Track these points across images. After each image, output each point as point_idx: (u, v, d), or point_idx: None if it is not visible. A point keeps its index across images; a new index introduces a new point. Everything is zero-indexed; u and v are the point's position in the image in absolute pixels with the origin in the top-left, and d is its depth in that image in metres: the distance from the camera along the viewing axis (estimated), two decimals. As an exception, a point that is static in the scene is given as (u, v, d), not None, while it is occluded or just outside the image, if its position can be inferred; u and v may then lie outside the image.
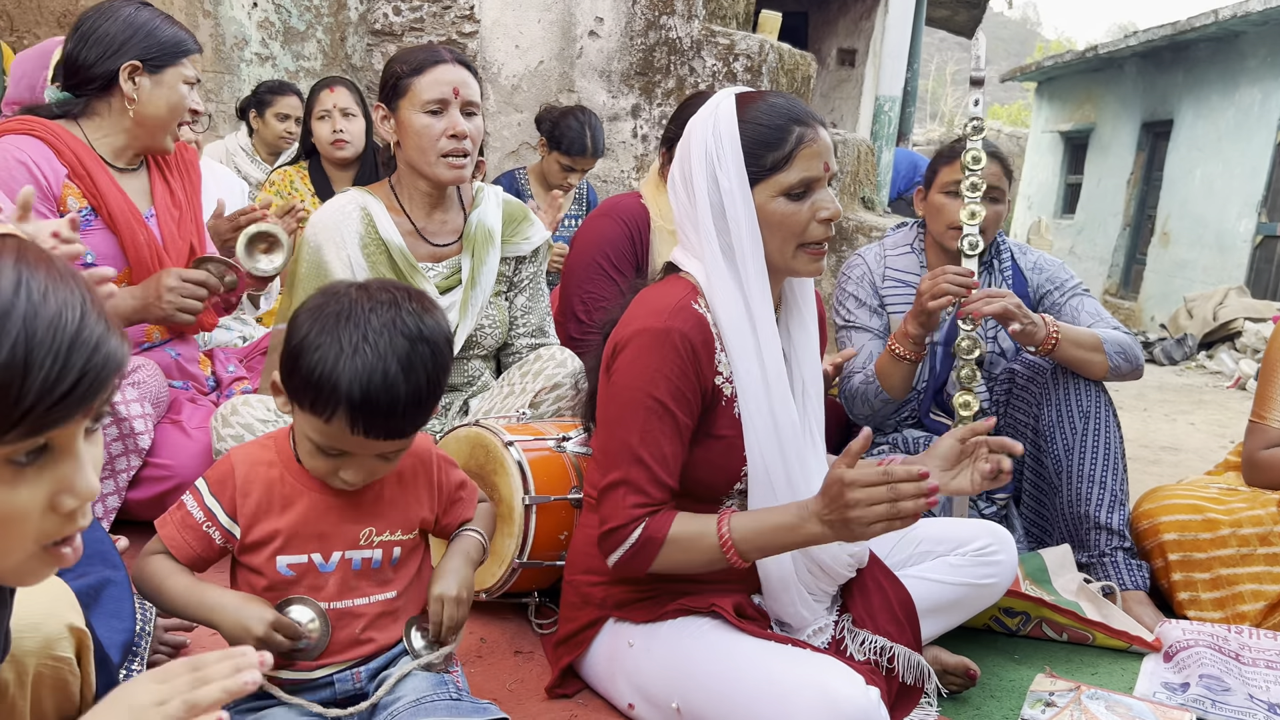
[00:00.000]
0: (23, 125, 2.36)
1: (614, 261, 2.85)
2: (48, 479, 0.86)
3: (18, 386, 0.78)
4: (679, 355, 1.75)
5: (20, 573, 0.90)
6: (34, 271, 0.81)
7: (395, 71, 2.44)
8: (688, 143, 1.84)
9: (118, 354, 0.85)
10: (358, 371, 1.38)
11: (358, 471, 1.48)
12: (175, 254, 2.54)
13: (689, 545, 1.73)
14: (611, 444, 1.77)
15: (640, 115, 5.34)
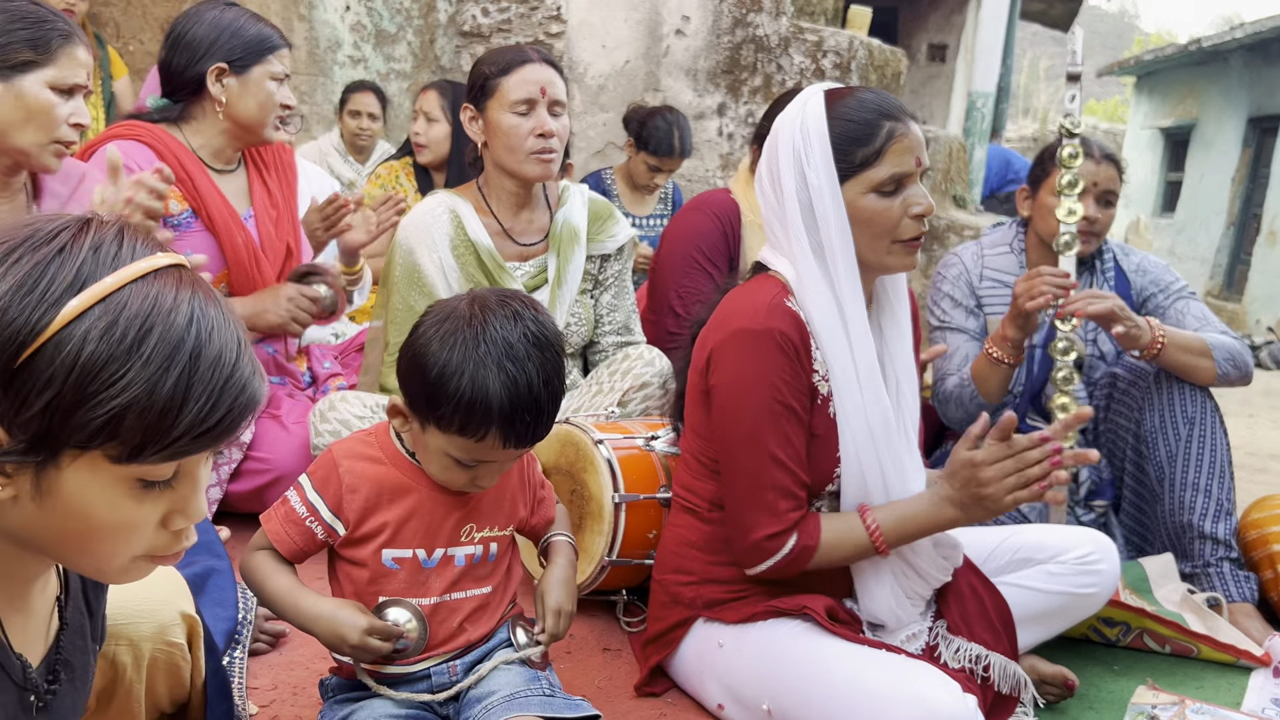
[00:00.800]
0: (129, 130, 2.44)
1: (708, 255, 2.84)
2: (167, 499, 0.91)
3: (173, 416, 0.84)
4: (784, 354, 1.74)
5: (116, 574, 0.95)
6: (205, 310, 0.87)
7: (483, 72, 2.47)
8: (775, 141, 1.83)
9: (259, 395, 0.91)
10: (506, 389, 1.41)
11: (494, 475, 1.53)
12: (272, 255, 2.61)
13: (838, 543, 1.78)
14: (741, 451, 1.76)
15: (726, 113, 5.32)
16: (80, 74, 2.02)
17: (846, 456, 1.80)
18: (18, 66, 1.94)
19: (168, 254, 0.90)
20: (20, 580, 0.96)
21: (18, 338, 0.81)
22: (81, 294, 0.82)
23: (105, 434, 0.83)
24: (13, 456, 0.84)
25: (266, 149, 2.70)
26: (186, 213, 2.47)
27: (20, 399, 0.82)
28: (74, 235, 0.86)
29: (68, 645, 1.04)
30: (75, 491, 0.86)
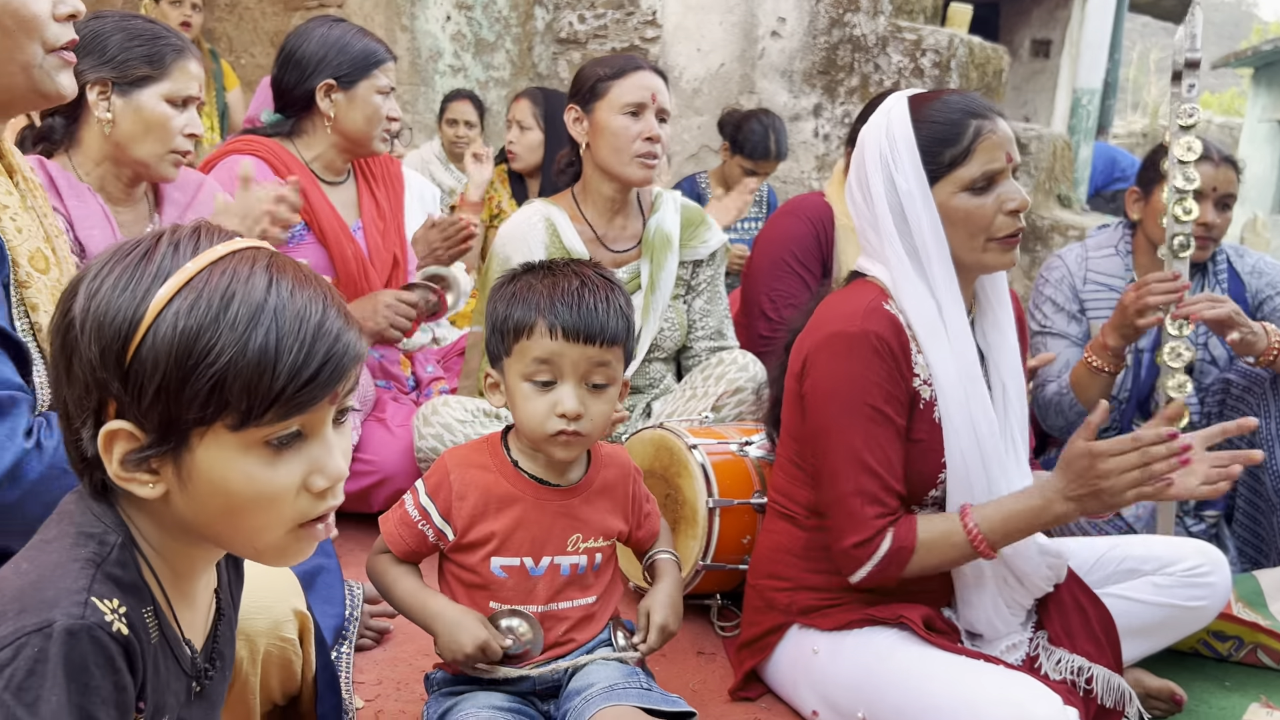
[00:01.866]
0: (246, 145, 2.55)
1: (800, 259, 2.84)
2: (302, 460, 0.94)
3: (270, 372, 0.88)
4: (880, 358, 1.73)
5: (278, 550, 0.98)
6: (282, 274, 0.92)
7: (595, 74, 2.52)
8: (862, 149, 1.83)
9: (356, 345, 0.94)
10: (547, 286, 1.55)
11: (570, 399, 1.53)
12: (380, 265, 2.70)
13: (935, 546, 1.74)
14: (831, 455, 1.76)
15: (822, 115, 5.28)
16: (193, 86, 2.12)
17: (952, 462, 1.78)
18: (135, 81, 2.05)
19: (245, 240, 0.96)
20: (188, 574, 1.02)
21: (121, 333, 0.88)
22: (167, 282, 0.89)
23: (216, 403, 0.88)
24: (150, 450, 0.90)
25: (375, 161, 2.79)
26: (300, 226, 2.57)
27: (138, 390, 0.88)
28: (155, 240, 0.93)
29: (223, 635, 1.11)
30: (210, 469, 0.91)
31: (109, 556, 0.92)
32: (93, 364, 0.89)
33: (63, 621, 0.85)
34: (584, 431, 1.55)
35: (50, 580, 0.89)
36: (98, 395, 0.91)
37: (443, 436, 2.40)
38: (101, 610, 0.88)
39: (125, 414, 0.90)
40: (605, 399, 1.57)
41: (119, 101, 2.05)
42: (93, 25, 2.04)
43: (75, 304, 0.91)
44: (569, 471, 1.63)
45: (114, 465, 0.91)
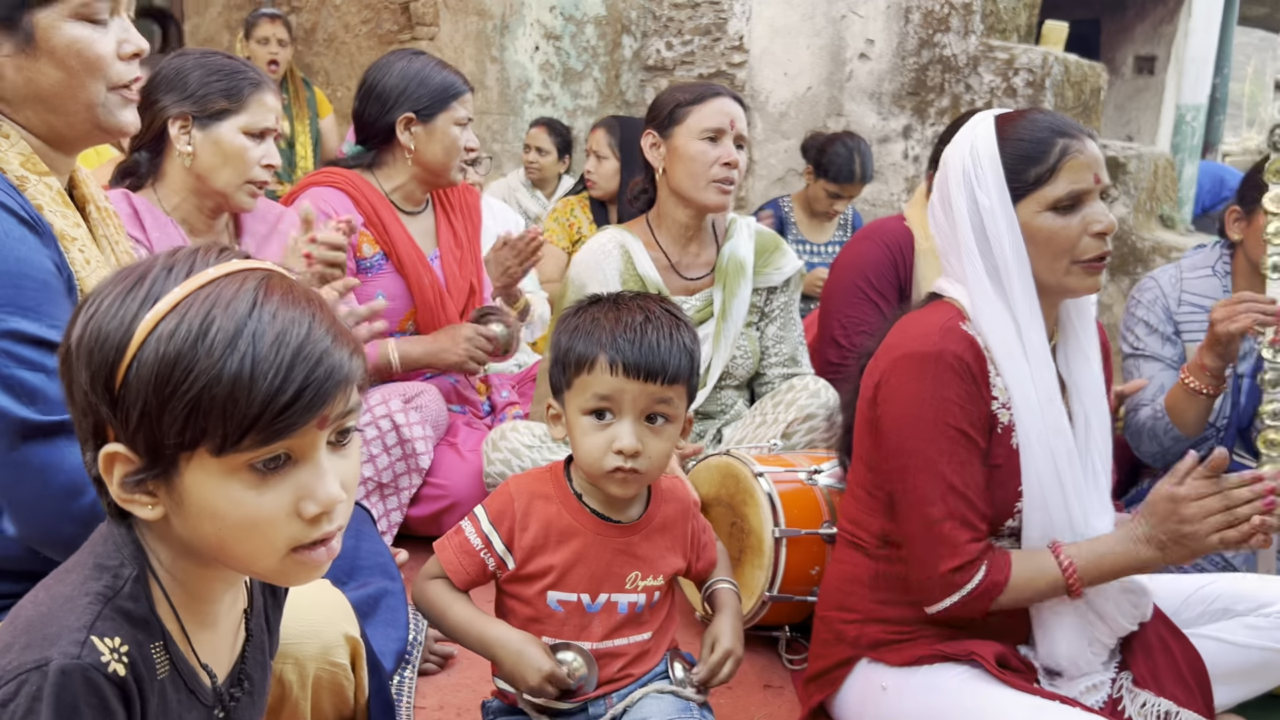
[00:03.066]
0: (328, 178, 2.63)
1: (875, 285, 2.79)
2: (289, 486, 0.93)
3: (245, 397, 0.87)
4: (959, 377, 1.68)
5: (279, 574, 0.98)
6: (269, 295, 0.91)
7: (674, 100, 2.53)
8: (945, 166, 1.79)
9: (343, 367, 0.92)
10: (610, 320, 1.53)
11: (628, 436, 1.49)
12: (457, 293, 2.74)
13: (1029, 583, 1.69)
14: (915, 481, 1.70)
15: (912, 136, 5.20)
16: (270, 118, 2.19)
17: (1029, 490, 1.72)
18: (214, 115, 2.13)
19: (244, 260, 0.95)
20: (206, 598, 1.02)
21: (109, 359, 0.89)
22: (155, 306, 0.89)
23: (193, 428, 0.87)
24: (143, 473, 0.91)
25: (453, 190, 2.84)
26: (378, 255, 2.63)
27: (125, 415, 0.89)
28: (151, 263, 0.93)
29: (251, 658, 1.11)
30: (198, 493, 0.91)
31: (121, 590, 0.94)
32: (85, 389, 0.91)
33: (58, 660, 0.86)
34: (642, 469, 1.52)
35: (56, 615, 0.90)
36: (93, 419, 0.92)
37: (510, 461, 2.41)
38: (99, 650, 0.89)
39: (119, 437, 0.91)
40: (665, 437, 1.54)
41: (199, 134, 2.13)
42: (175, 63, 2.13)
43: (74, 330, 0.92)
44: (629, 508, 1.60)
45: (114, 487, 0.93)
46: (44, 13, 1.36)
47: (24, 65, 1.37)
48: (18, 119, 1.40)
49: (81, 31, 1.38)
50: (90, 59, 1.39)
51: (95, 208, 1.53)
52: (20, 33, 1.35)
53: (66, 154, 1.47)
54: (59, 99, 1.39)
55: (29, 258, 1.31)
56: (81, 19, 1.38)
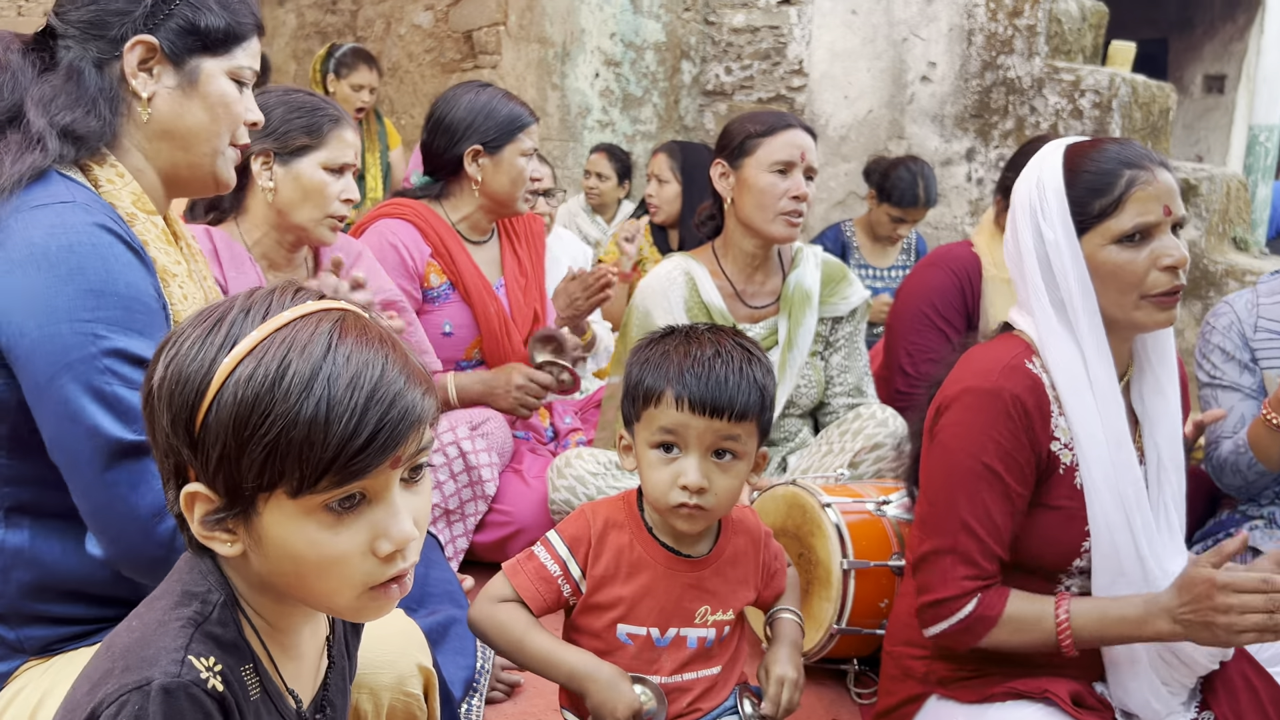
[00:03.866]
0: (396, 209, 2.67)
1: (941, 312, 2.76)
2: (365, 525, 0.94)
3: (321, 441, 0.88)
4: (1009, 418, 1.66)
5: (354, 610, 0.99)
6: (343, 337, 0.92)
7: (745, 130, 2.54)
8: (1014, 198, 1.78)
9: (416, 408, 0.93)
10: (680, 353, 1.52)
11: (693, 472, 1.48)
12: (521, 321, 2.77)
13: (1021, 627, 1.65)
14: (936, 510, 1.71)
15: (975, 159, 5.15)
16: (349, 154, 2.23)
17: (1096, 530, 1.68)
18: (295, 151, 2.18)
19: (319, 301, 0.97)
20: (288, 629, 1.04)
21: (189, 403, 0.91)
22: (233, 350, 0.91)
23: (271, 471, 0.89)
24: (223, 513, 0.93)
25: (517, 219, 2.88)
26: (445, 284, 2.67)
27: (205, 457, 0.91)
28: (229, 305, 0.95)
29: (333, 685, 1.13)
30: (276, 533, 0.93)
31: (210, 616, 0.96)
32: (166, 430, 0.93)
33: (160, 680, 0.88)
34: (708, 506, 1.50)
35: (152, 639, 0.92)
36: (174, 459, 0.94)
37: (575, 489, 2.43)
38: (197, 668, 0.91)
39: (200, 477, 0.93)
40: (732, 474, 1.52)
41: (280, 170, 2.18)
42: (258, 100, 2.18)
43: (156, 371, 0.94)
44: (699, 542, 1.59)
45: (195, 524, 0.95)
46: (211, 62, 1.49)
47: (178, 101, 1.48)
48: (142, 152, 1.48)
49: (230, 88, 1.52)
50: (232, 114, 1.52)
51: (185, 244, 1.58)
52: (185, 73, 1.47)
53: (172, 195, 1.55)
54: (194, 139, 1.50)
55: (137, 283, 1.35)
56: (232, 79, 1.52)
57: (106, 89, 1.44)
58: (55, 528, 1.38)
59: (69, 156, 1.40)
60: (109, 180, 1.44)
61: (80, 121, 1.40)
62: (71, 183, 1.39)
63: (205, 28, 1.47)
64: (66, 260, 1.30)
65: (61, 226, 1.31)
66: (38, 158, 1.36)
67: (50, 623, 1.41)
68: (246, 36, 1.53)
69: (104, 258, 1.33)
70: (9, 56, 1.43)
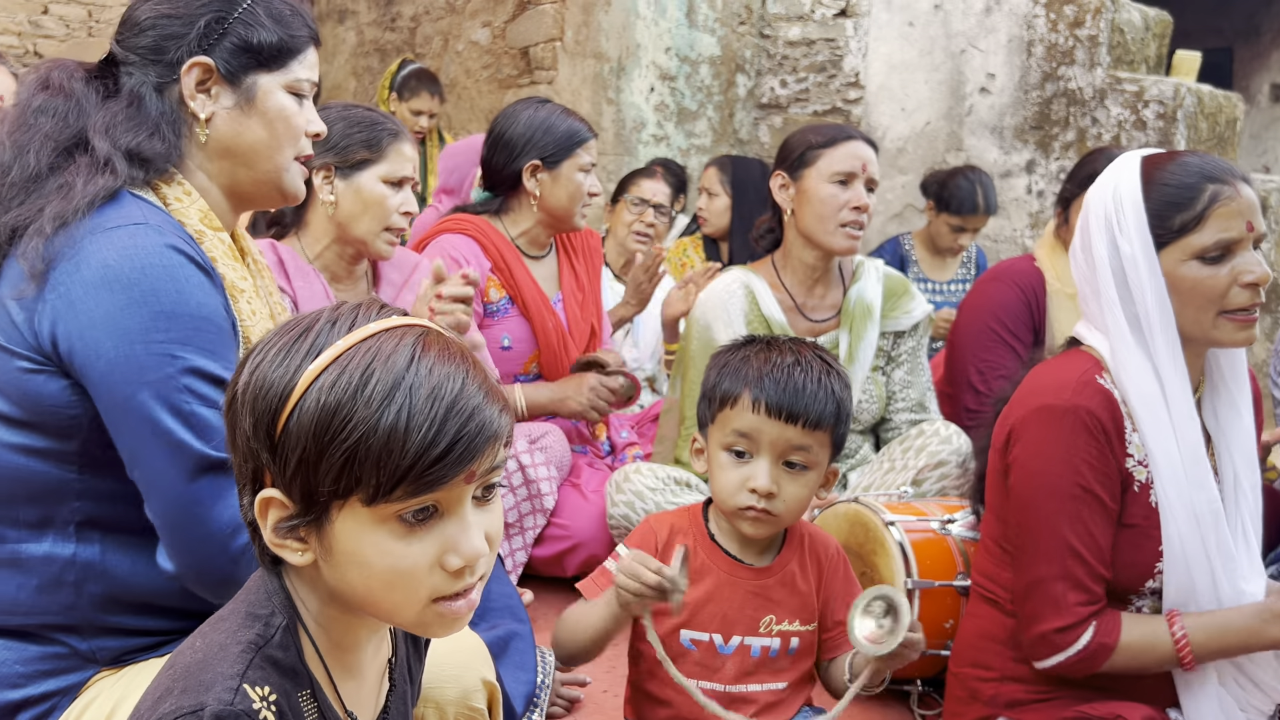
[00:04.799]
0: (457, 225, 2.70)
1: (1009, 327, 2.72)
2: (436, 538, 0.94)
3: (400, 449, 0.89)
4: (1091, 435, 1.63)
5: (420, 625, 1.00)
6: (426, 351, 0.93)
7: (807, 142, 2.53)
8: (1086, 210, 1.75)
9: (493, 423, 0.93)
10: (760, 358, 1.55)
11: (763, 477, 1.50)
12: (578, 336, 2.78)
13: (1140, 650, 1.63)
14: (1035, 536, 1.67)
15: (1035, 171, 5.08)
16: (407, 168, 2.26)
17: (1170, 551, 1.65)
18: (355, 165, 2.21)
19: (402, 317, 0.98)
20: (351, 646, 1.05)
21: (272, 407, 0.92)
22: (319, 358, 0.92)
23: (348, 478, 0.90)
24: (296, 520, 0.94)
25: (575, 235, 2.89)
26: (504, 299, 2.68)
27: (283, 462, 0.92)
28: (316, 317, 0.97)
29: (394, 709, 1.12)
30: (347, 542, 0.93)
31: (271, 639, 0.96)
32: (247, 434, 0.94)
33: (213, 707, 0.89)
34: (775, 512, 1.52)
35: (211, 662, 0.93)
36: (253, 464, 0.95)
37: (634, 504, 2.42)
38: (251, 698, 0.91)
39: (276, 483, 0.94)
40: (802, 483, 1.53)
41: (341, 184, 2.21)
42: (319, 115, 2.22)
43: (240, 377, 0.96)
44: (763, 553, 1.60)
45: (268, 531, 0.95)
46: (267, 78, 1.50)
47: (236, 119, 1.49)
48: (205, 171, 1.51)
49: (289, 102, 1.52)
50: (293, 128, 1.53)
51: (253, 260, 1.61)
52: (242, 91, 1.48)
53: (238, 211, 1.57)
54: (256, 156, 1.51)
55: (207, 303, 1.38)
56: (291, 92, 1.52)
57: (168, 112, 1.46)
58: (126, 542, 1.41)
59: (138, 178, 1.42)
60: (176, 199, 1.47)
61: (145, 144, 1.43)
62: (143, 203, 1.42)
63: (259, 44, 1.48)
64: (140, 282, 1.32)
65: (134, 248, 1.34)
66: (108, 180, 1.38)
67: (122, 634, 1.43)
68: (301, 49, 1.53)
69: (176, 279, 1.35)
70: (72, 85, 1.46)
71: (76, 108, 1.44)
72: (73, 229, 1.34)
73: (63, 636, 1.40)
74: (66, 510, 1.39)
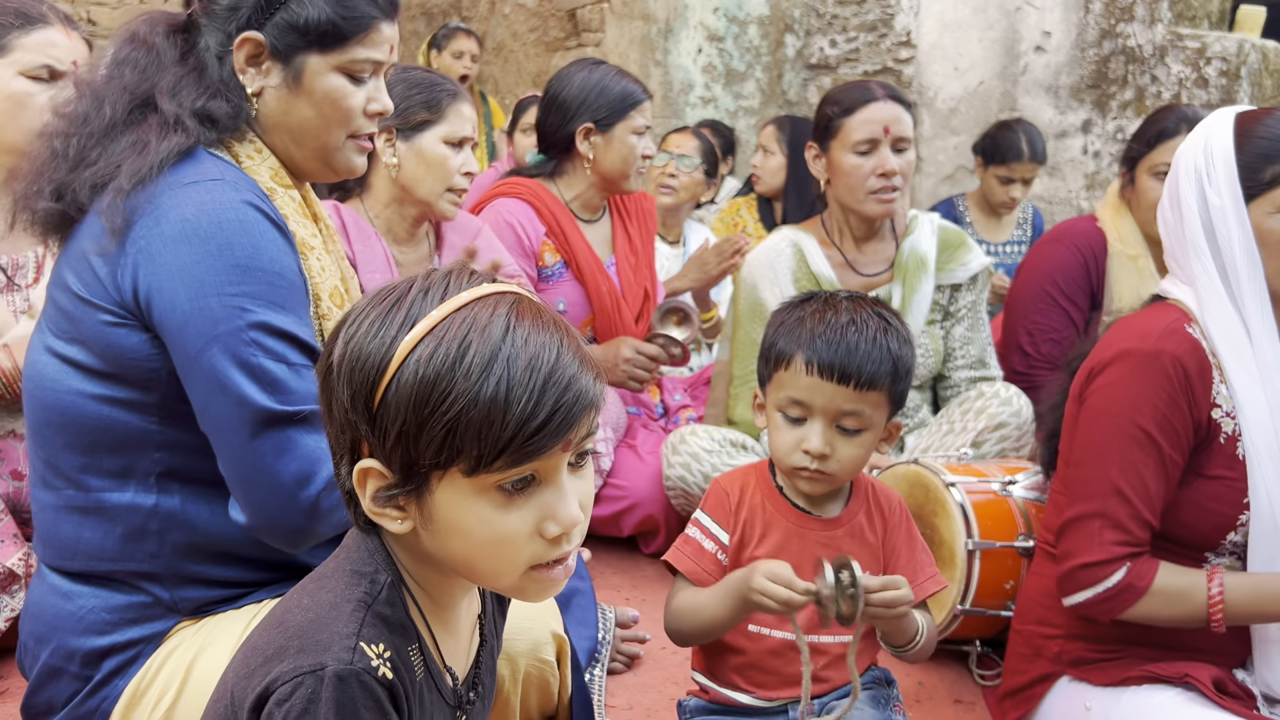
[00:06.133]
0: (512, 188, 2.71)
1: (1065, 290, 2.69)
2: (534, 506, 0.95)
3: (500, 420, 0.89)
4: (1169, 381, 1.62)
5: (518, 590, 1.01)
6: (521, 320, 0.93)
7: (827, 113, 2.51)
8: (1176, 164, 1.75)
9: (589, 392, 0.94)
10: (817, 323, 1.55)
11: (816, 439, 1.51)
12: (631, 299, 2.79)
13: (1172, 599, 1.62)
14: (1084, 473, 1.68)
15: (1092, 130, 4.99)
16: (467, 128, 2.27)
17: (1257, 503, 1.64)
18: (416, 126, 2.22)
19: (494, 284, 0.98)
20: (448, 604, 1.07)
21: (370, 379, 0.92)
22: (414, 329, 0.92)
23: (449, 449, 0.90)
24: (396, 489, 0.95)
25: (629, 197, 2.89)
26: (559, 263, 2.70)
27: (382, 433, 0.92)
28: (408, 286, 0.97)
29: (484, 662, 1.15)
30: (448, 511, 0.94)
31: (379, 596, 0.98)
32: (345, 406, 0.95)
33: (333, 666, 0.91)
34: (829, 471, 1.53)
35: (325, 622, 0.95)
36: (350, 435, 0.96)
37: (690, 465, 2.43)
38: (369, 655, 0.93)
39: (375, 454, 0.95)
40: (857, 444, 1.54)
41: (402, 146, 2.22)
42: None
43: (335, 348, 0.96)
44: (830, 504, 1.61)
45: (366, 501, 0.96)
46: (316, 59, 1.47)
47: (283, 98, 1.49)
48: (266, 139, 1.52)
49: (340, 84, 1.49)
50: (341, 110, 1.50)
51: (324, 224, 1.63)
52: (290, 70, 1.47)
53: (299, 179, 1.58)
54: (303, 134, 1.51)
55: (280, 258, 1.40)
56: (345, 73, 1.49)
57: (227, 80, 1.46)
58: (205, 493, 1.44)
59: (211, 138, 1.44)
60: (248, 156, 1.49)
61: (211, 105, 1.44)
62: (220, 160, 1.44)
63: (309, 23, 1.45)
64: (216, 236, 1.35)
65: (212, 203, 1.36)
66: (181, 138, 1.40)
67: (203, 584, 1.47)
68: (363, 29, 1.49)
69: (251, 234, 1.37)
70: (154, 39, 1.47)
71: (156, 61, 1.46)
72: (151, 186, 1.37)
73: (147, 585, 1.45)
74: (147, 461, 1.43)
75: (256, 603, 1.46)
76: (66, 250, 1.47)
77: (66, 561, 1.47)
